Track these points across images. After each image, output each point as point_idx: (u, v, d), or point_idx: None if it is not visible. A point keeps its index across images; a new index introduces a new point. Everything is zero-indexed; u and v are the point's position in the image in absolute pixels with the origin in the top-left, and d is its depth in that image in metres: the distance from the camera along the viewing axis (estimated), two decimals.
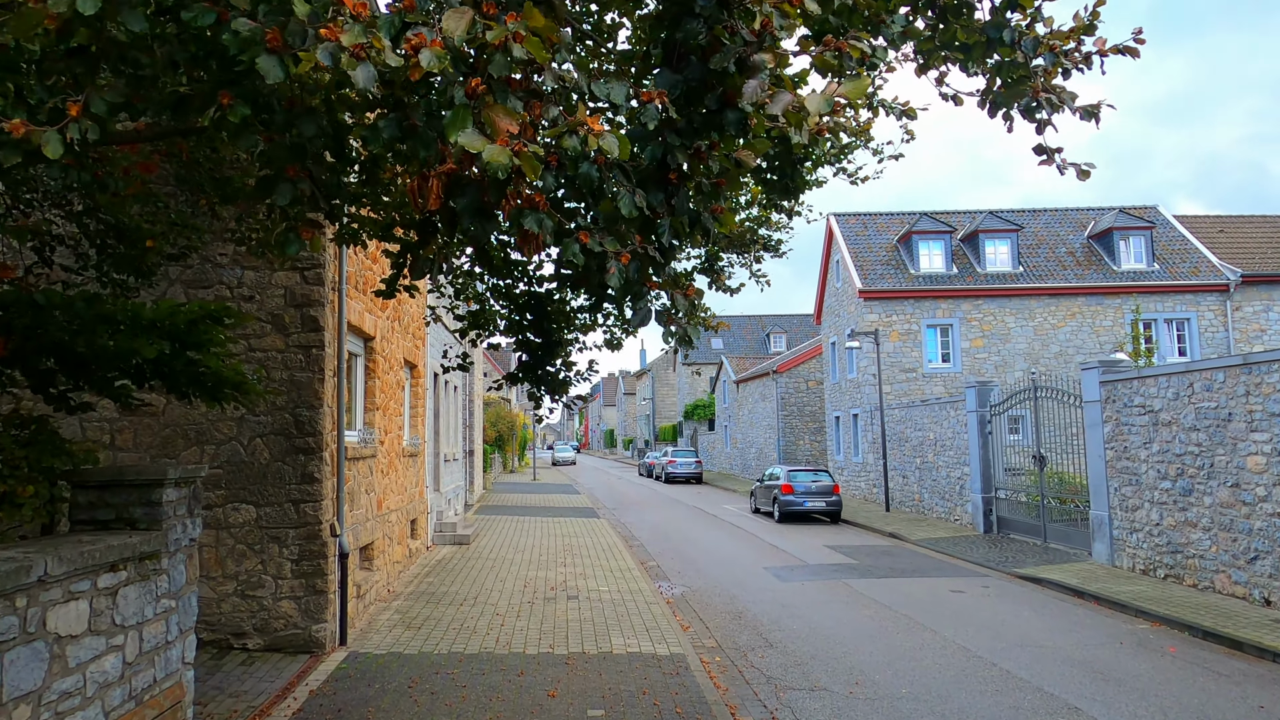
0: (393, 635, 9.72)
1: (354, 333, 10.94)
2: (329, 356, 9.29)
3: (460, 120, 2.73)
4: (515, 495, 32.34)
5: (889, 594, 12.81)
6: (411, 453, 14.53)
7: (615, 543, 18.35)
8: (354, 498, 10.31)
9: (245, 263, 9.13)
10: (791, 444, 39.20)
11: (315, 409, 9.04)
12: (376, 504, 11.66)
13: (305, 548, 8.92)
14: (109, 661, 4.46)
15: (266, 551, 8.88)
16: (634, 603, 11.80)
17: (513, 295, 5.77)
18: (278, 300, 9.16)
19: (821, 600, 12.42)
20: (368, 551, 11.27)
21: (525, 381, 5.53)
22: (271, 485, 8.94)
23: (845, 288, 31.02)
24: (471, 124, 2.75)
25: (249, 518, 8.89)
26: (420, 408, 15.84)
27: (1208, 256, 29.69)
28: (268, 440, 8.98)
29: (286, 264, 9.15)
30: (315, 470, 8.98)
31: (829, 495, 23.06)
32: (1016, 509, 18.80)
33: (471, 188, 2.96)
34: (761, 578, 14.43)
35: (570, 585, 13.00)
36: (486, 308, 6.50)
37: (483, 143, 2.70)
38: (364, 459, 10.88)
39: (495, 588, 12.71)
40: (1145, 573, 13.55)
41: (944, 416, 22.09)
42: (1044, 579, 13.69)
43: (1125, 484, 14.10)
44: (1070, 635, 10.23)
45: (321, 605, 8.90)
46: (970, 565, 15.70)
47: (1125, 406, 14.08)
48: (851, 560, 16.28)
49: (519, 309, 5.56)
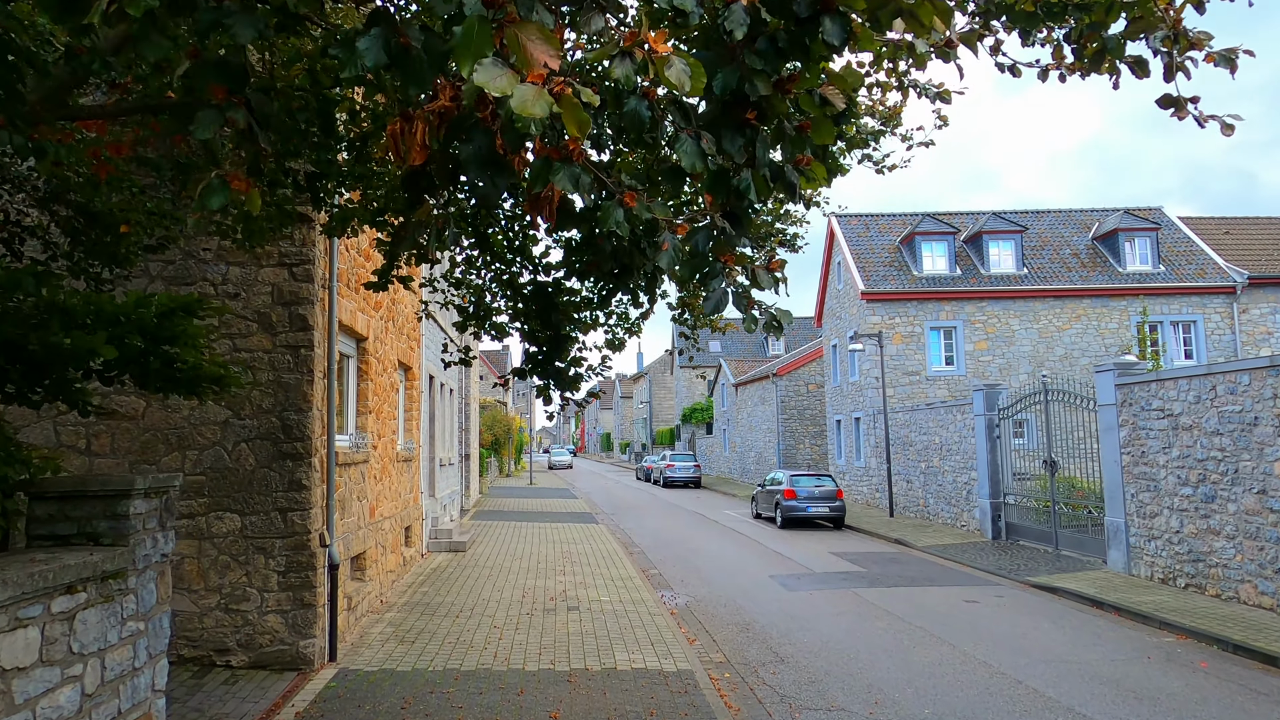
0: (385, 650, 9.25)
1: (346, 333, 10.48)
2: (318, 357, 8.83)
3: (476, 42, 1.98)
4: (512, 500, 31.85)
5: (901, 604, 12.36)
6: (406, 458, 14.06)
7: (615, 550, 17.89)
8: (345, 505, 9.84)
9: (231, 258, 8.66)
10: (791, 448, 38.76)
11: (304, 412, 8.57)
12: (369, 511, 11.19)
13: (293, 559, 8.44)
14: (64, 695, 3.99)
15: (252, 563, 8.40)
16: (637, 614, 11.34)
17: (516, 285, 5.31)
18: (264, 298, 8.69)
19: (832, 611, 11.97)
20: (360, 561, 10.79)
21: (535, 375, 5.08)
22: (257, 493, 8.47)
23: (847, 290, 30.60)
24: (492, 50, 2.01)
25: (233, 527, 8.41)
26: (415, 411, 15.38)
27: (1214, 258, 29.34)
28: (253, 445, 8.51)
29: (273, 259, 8.69)
30: (303, 477, 8.51)
31: (832, 501, 22.61)
32: (1025, 515, 18.38)
33: (480, 131, 2.38)
34: (768, 587, 13.97)
35: (570, 595, 12.53)
36: (485, 301, 6.03)
37: (510, 81, 1.99)
38: (356, 465, 10.41)
39: (493, 598, 12.23)
40: (1164, 582, 13.11)
41: (950, 420, 21.66)
42: (1059, 588, 13.26)
43: (1143, 490, 13.67)
44: (1095, 649, 9.78)
45: (310, 620, 8.42)
46: (981, 573, 15.25)
47: (1143, 410, 13.65)
48: (859, 568, 15.83)
49: (524, 300, 5.10)
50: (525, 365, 5.21)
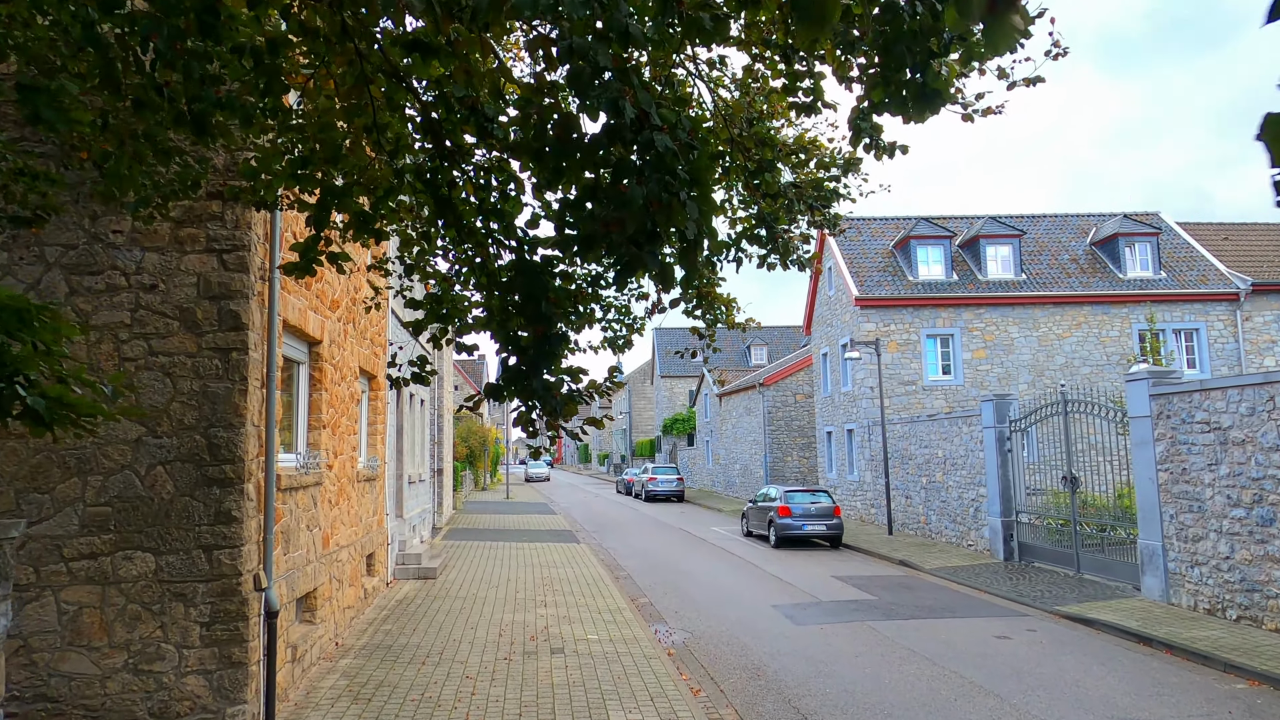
0: (336, 711, 7.75)
1: (294, 334, 9.00)
2: (254, 362, 7.36)
3: None
4: (487, 516, 30.27)
5: (925, 641, 11.01)
6: (368, 476, 12.55)
7: (600, 574, 16.42)
8: (290, 537, 8.34)
9: (147, 242, 7.18)
10: (779, 460, 37.45)
11: (235, 429, 7.09)
12: (322, 541, 9.69)
13: (219, 607, 6.94)
14: None
15: (168, 613, 6.89)
16: (630, 657, 9.91)
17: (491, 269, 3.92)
18: (188, 290, 7.21)
19: (850, 650, 10.59)
20: (309, 601, 9.28)
21: (512, 396, 3.63)
22: (176, 527, 6.97)
23: (839, 295, 29.38)
24: None
25: (145, 569, 6.90)
26: (380, 425, 13.87)
27: (1215, 265, 28.43)
28: (172, 469, 7.01)
29: (199, 244, 7.22)
30: (234, 506, 7.03)
31: (830, 518, 21.28)
32: (1040, 534, 17.13)
33: None
34: (772, 620, 12.58)
35: (553, 633, 11.07)
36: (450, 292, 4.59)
37: None
38: (305, 488, 8.92)
39: (464, 637, 10.75)
40: (1211, 613, 11.86)
41: (955, 432, 20.41)
42: (1095, 620, 11.97)
43: (1184, 510, 12.43)
44: (1162, 701, 8.47)
45: (240, 680, 6.92)
46: (1002, 600, 13.95)
47: (1184, 423, 12.42)
48: (868, 595, 14.48)
49: (502, 289, 3.70)
50: (499, 383, 3.73)
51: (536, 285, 3.59)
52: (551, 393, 3.65)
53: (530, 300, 3.57)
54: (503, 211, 3.90)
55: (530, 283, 3.59)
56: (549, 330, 3.64)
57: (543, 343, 3.62)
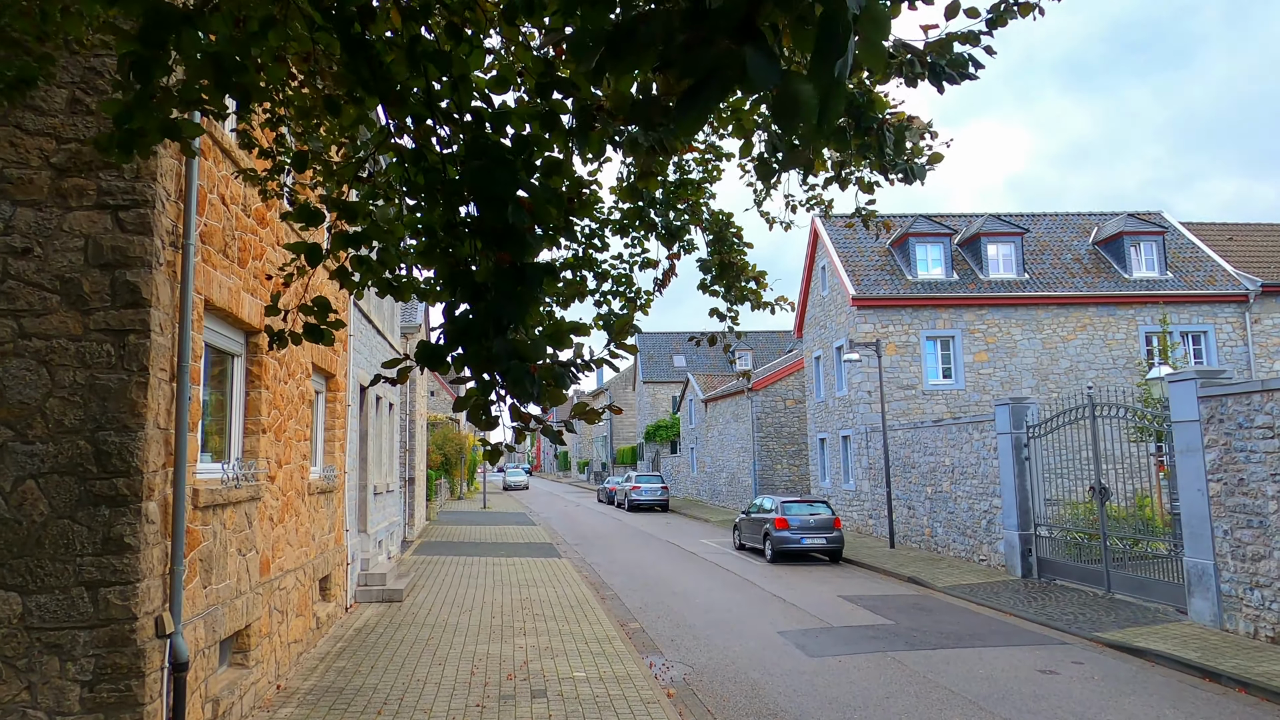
0: None
1: (224, 320, 7.48)
2: (160, 348, 5.83)
3: None
4: (463, 528, 28.63)
5: (961, 678, 9.61)
6: (324, 489, 11.00)
7: (584, 595, 14.91)
8: (213, 565, 6.80)
9: (19, 194, 5.65)
10: (768, 468, 36.05)
11: (131, 432, 5.56)
12: (260, 566, 8.15)
13: (105, 660, 5.41)
14: None
15: (38, 670, 5.35)
16: (624, 700, 8.43)
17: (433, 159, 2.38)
18: (72, 256, 5.69)
19: (878, 690, 9.16)
20: (240, 640, 7.72)
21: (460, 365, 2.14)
22: (51, 558, 5.43)
23: (834, 296, 28.07)
24: None
25: (9, 613, 5.36)
26: (339, 430, 12.31)
27: (1223, 265, 27.39)
28: (47, 483, 5.47)
29: (88, 197, 5.69)
30: (127, 531, 5.49)
31: (829, 531, 19.87)
32: (1061, 549, 15.82)
33: None
34: (782, 650, 11.13)
35: (534, 669, 9.56)
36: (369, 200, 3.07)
37: None
38: (235, 505, 7.38)
39: (430, 676, 9.22)
40: (1275, 641, 10.54)
41: (965, 439, 19.07)
42: (1146, 649, 10.62)
43: (1240, 525, 11.12)
44: None
45: None
46: (1033, 626, 12.58)
47: (1239, 428, 11.12)
48: (883, 619, 13.07)
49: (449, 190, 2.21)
50: (444, 339, 2.21)
51: (502, 179, 2.12)
52: (524, 361, 2.17)
53: (492, 204, 2.11)
54: (450, 59, 2.39)
55: (492, 176, 2.12)
56: (521, 256, 2.16)
57: (510, 276, 2.15)
